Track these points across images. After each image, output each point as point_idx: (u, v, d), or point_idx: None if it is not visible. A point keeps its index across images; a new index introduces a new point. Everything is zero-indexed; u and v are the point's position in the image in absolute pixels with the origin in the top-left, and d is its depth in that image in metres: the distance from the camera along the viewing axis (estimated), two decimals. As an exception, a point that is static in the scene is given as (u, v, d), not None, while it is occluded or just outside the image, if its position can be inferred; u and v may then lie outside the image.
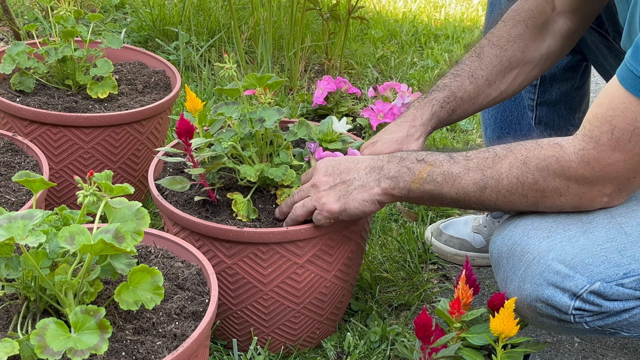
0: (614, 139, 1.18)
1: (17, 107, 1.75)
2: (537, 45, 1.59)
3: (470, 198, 1.32)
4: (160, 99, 1.90)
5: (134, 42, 2.80)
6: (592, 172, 1.22)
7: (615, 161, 1.19)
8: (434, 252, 1.93)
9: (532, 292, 1.24)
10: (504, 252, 1.29)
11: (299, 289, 1.48)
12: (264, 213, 1.50)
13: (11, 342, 1.03)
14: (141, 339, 1.13)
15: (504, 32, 1.59)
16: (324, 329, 1.59)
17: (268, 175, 1.47)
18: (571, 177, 1.24)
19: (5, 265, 1.10)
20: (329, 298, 1.54)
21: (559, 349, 1.64)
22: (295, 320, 1.52)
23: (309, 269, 1.47)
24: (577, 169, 1.23)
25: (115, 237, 1.06)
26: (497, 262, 1.31)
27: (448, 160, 1.33)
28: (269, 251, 1.43)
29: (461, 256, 1.90)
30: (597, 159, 1.21)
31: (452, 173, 1.32)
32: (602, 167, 1.21)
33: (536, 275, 1.23)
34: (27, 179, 1.17)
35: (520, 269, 1.26)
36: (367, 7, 3.34)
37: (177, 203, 1.50)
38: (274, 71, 2.64)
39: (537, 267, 1.23)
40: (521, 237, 1.28)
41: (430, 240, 1.94)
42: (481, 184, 1.30)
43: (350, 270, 1.56)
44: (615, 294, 1.21)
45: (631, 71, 1.14)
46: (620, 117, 1.17)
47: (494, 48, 1.58)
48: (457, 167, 1.32)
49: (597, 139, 1.20)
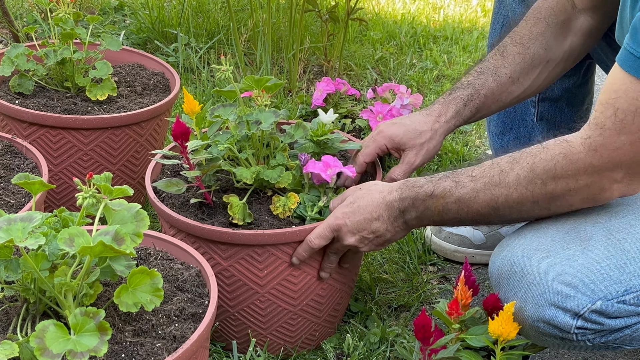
0: (618, 121, 1.18)
1: (16, 109, 1.75)
2: (559, 42, 1.60)
3: (487, 218, 1.34)
4: (159, 101, 1.90)
5: (133, 44, 2.80)
6: (600, 159, 1.21)
7: (622, 144, 1.19)
8: (433, 249, 1.93)
9: (533, 313, 1.23)
10: (504, 273, 1.29)
11: (295, 291, 1.48)
12: (260, 216, 1.49)
13: (11, 344, 1.03)
14: (141, 341, 1.13)
15: (526, 30, 1.60)
16: (322, 331, 1.59)
17: (264, 177, 1.47)
18: (579, 170, 1.23)
19: (5, 267, 1.10)
20: (327, 300, 1.54)
21: (558, 351, 1.64)
22: (293, 322, 1.52)
23: (305, 271, 1.47)
24: (585, 159, 1.22)
25: (114, 239, 1.07)
26: (497, 282, 1.31)
27: (455, 186, 1.33)
28: (264, 253, 1.43)
29: (461, 253, 1.90)
30: (603, 145, 1.20)
31: (463, 199, 1.33)
32: (610, 153, 1.20)
33: (537, 296, 1.23)
34: (26, 181, 1.17)
35: (521, 290, 1.25)
36: (366, 8, 3.34)
37: (173, 205, 1.50)
38: (272, 73, 2.64)
39: (537, 288, 1.23)
40: (520, 258, 1.27)
41: (430, 237, 1.94)
42: (493, 204, 1.31)
43: (348, 272, 1.56)
44: (617, 311, 1.21)
45: (630, 53, 1.14)
46: (622, 98, 1.17)
47: (517, 46, 1.59)
48: (465, 192, 1.32)
49: (602, 124, 1.20)
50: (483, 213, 1.32)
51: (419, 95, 2.16)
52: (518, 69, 1.60)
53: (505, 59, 1.60)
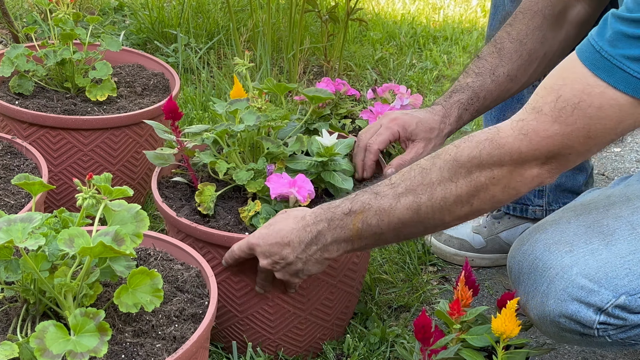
0: (557, 109, 1.14)
1: (16, 109, 1.75)
2: (555, 33, 1.58)
3: (410, 225, 1.27)
4: (159, 101, 1.90)
5: (132, 45, 2.80)
6: (529, 144, 1.17)
7: (553, 134, 1.15)
8: (433, 252, 1.93)
9: (555, 308, 1.22)
10: (525, 268, 1.27)
11: (304, 295, 1.48)
12: (229, 214, 1.49)
13: (11, 344, 1.03)
14: (141, 342, 1.13)
15: (523, 25, 1.58)
16: (330, 335, 1.59)
17: (234, 176, 1.47)
18: (505, 154, 1.19)
19: (5, 268, 1.10)
20: (335, 303, 1.54)
21: (559, 351, 1.64)
22: (302, 326, 1.52)
23: (315, 275, 1.46)
24: (513, 143, 1.18)
25: (114, 240, 1.06)
26: (517, 277, 1.29)
27: (374, 197, 1.27)
28: None
29: (460, 256, 1.90)
30: (535, 130, 1.16)
31: (383, 209, 1.26)
32: (540, 140, 1.16)
33: (560, 291, 1.21)
34: (26, 182, 1.16)
35: (542, 285, 1.24)
36: (365, 9, 3.33)
37: (171, 207, 1.49)
38: (272, 73, 2.64)
39: (560, 282, 1.21)
40: (542, 252, 1.25)
41: (429, 240, 1.94)
42: (414, 205, 1.24)
43: (356, 275, 1.56)
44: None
45: (592, 45, 1.12)
46: (568, 86, 1.13)
47: (514, 43, 1.58)
48: (386, 200, 1.26)
49: (539, 109, 1.16)
50: (404, 220, 1.26)
51: (418, 96, 2.15)
52: (515, 67, 1.58)
53: (503, 58, 1.58)
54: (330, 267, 1.47)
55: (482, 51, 1.61)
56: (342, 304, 1.56)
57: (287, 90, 1.52)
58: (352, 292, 1.57)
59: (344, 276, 1.51)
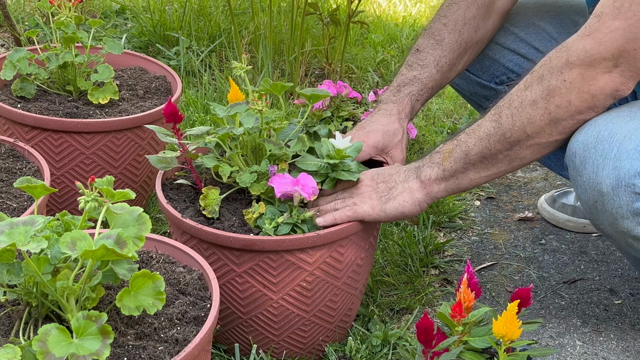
0: (615, 7, 1.23)
1: (19, 113, 1.75)
2: (486, 23, 1.69)
3: (494, 139, 1.38)
4: (161, 104, 1.90)
5: (134, 48, 2.80)
6: (593, 42, 1.26)
7: (615, 28, 1.24)
8: (546, 217, 2.04)
9: (630, 168, 1.26)
10: (591, 142, 1.31)
11: (309, 297, 1.48)
12: (233, 216, 1.49)
13: (13, 348, 1.03)
14: (143, 344, 1.14)
15: (459, 15, 1.67)
16: (334, 337, 1.59)
17: (237, 178, 1.47)
18: (572, 55, 1.29)
19: (7, 271, 1.10)
20: (339, 305, 1.54)
21: (561, 353, 1.64)
22: (305, 328, 1.52)
23: (319, 276, 1.46)
24: (578, 43, 1.28)
25: (116, 243, 1.07)
26: (583, 155, 1.32)
27: (476, 128, 1.42)
28: (279, 259, 1.42)
29: (573, 222, 2.00)
30: (598, 29, 1.26)
31: (472, 128, 1.41)
32: (602, 36, 1.25)
33: (632, 150, 1.26)
34: (28, 185, 1.17)
35: (612, 150, 1.28)
36: (367, 11, 3.34)
37: (175, 209, 1.50)
38: (274, 76, 2.65)
39: (630, 142, 1.26)
40: (605, 125, 1.30)
41: (542, 207, 2.06)
42: (496, 117, 1.37)
43: (360, 277, 1.56)
44: None
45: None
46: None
47: (453, 33, 1.66)
48: (479, 121, 1.40)
49: (599, 12, 1.26)
50: (489, 132, 1.38)
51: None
52: (455, 56, 1.68)
53: (444, 49, 1.66)
54: (335, 269, 1.48)
55: (420, 44, 1.69)
56: (345, 306, 1.56)
57: (284, 90, 1.51)
58: (355, 294, 1.57)
59: (347, 278, 1.51)
